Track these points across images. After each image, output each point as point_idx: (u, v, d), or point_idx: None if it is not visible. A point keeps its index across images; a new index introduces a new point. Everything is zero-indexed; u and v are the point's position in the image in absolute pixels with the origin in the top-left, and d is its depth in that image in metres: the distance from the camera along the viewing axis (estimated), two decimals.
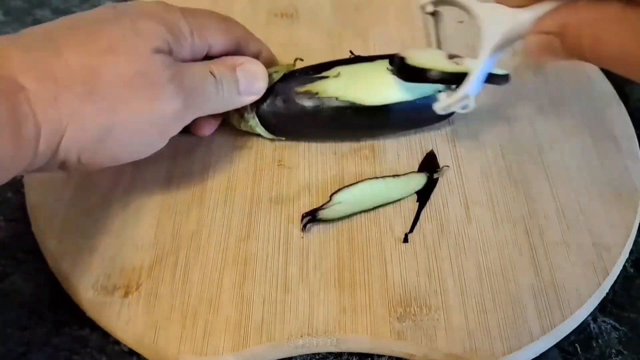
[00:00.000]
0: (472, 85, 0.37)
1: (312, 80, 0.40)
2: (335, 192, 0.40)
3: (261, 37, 0.43)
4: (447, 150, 0.43)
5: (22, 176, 0.42)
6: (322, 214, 0.39)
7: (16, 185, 0.42)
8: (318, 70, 0.42)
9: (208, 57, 0.39)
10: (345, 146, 0.43)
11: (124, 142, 0.34)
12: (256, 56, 0.42)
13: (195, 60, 0.38)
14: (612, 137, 0.44)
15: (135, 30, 0.34)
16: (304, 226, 0.39)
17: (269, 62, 0.43)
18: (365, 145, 0.44)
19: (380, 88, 0.40)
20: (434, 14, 0.39)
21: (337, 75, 0.40)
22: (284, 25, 0.52)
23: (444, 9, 0.39)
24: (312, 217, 0.39)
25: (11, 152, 0.29)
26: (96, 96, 0.32)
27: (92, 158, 0.34)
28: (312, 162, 0.43)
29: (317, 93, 0.40)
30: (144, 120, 0.34)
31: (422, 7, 0.39)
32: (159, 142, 0.36)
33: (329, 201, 0.40)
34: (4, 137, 0.29)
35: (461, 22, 0.40)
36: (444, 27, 0.40)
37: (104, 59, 0.33)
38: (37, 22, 0.57)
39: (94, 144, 0.33)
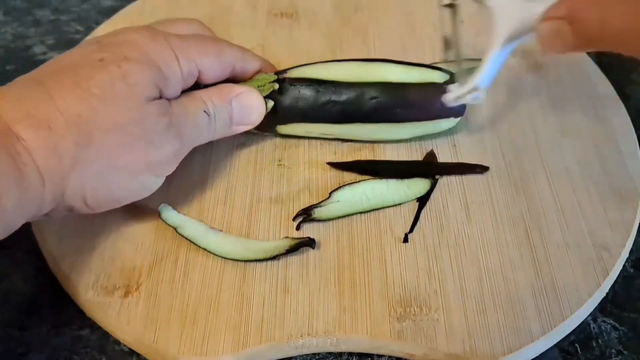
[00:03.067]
0: (483, 77, 0.37)
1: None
2: (336, 190, 0.40)
3: (261, 37, 0.43)
4: (447, 150, 0.43)
5: None
6: (318, 213, 0.39)
7: None
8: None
9: (201, 82, 0.38)
10: (345, 146, 0.44)
11: (123, 186, 0.35)
12: (255, 74, 0.41)
13: (187, 86, 0.37)
14: (612, 137, 0.44)
15: (124, 78, 0.33)
16: (298, 226, 0.39)
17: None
18: (365, 145, 0.44)
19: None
20: (451, 6, 0.39)
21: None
22: (284, 25, 0.52)
23: (461, 2, 0.40)
24: (306, 216, 0.39)
25: (17, 198, 0.30)
26: (94, 144, 0.32)
27: (97, 202, 0.34)
28: (312, 162, 0.43)
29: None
30: (141, 165, 0.35)
31: (440, 0, 0.39)
32: (157, 183, 0.37)
33: (328, 198, 0.40)
34: (8, 184, 0.29)
35: (462, 22, 0.41)
36: (459, 22, 0.40)
37: (96, 107, 0.32)
38: (37, 22, 0.57)
39: (96, 189, 0.34)
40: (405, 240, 0.38)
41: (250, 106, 0.40)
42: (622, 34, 0.31)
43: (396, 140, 0.43)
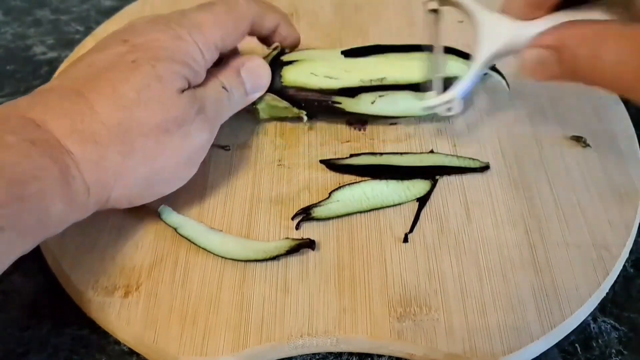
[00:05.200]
0: (460, 90, 0.37)
1: None
2: (336, 190, 0.40)
3: None
4: (447, 150, 0.43)
5: None
6: (317, 212, 0.39)
7: None
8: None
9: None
10: (346, 146, 0.44)
11: (165, 181, 0.37)
12: (272, 33, 0.42)
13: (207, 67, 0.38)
14: (612, 137, 0.44)
15: (157, 77, 0.34)
16: (297, 225, 0.39)
17: (290, 41, 0.43)
18: (365, 145, 0.44)
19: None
20: (435, 11, 0.39)
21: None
22: None
23: (446, 9, 0.39)
24: (305, 215, 0.39)
25: (64, 208, 0.31)
26: (136, 150, 0.34)
27: (141, 199, 0.36)
28: (312, 162, 0.43)
29: None
30: (180, 158, 0.36)
31: (425, 4, 0.38)
32: (193, 170, 0.38)
33: (327, 198, 0.40)
34: (58, 195, 0.31)
35: (461, 21, 0.40)
36: (444, 26, 0.40)
37: (135, 113, 0.33)
38: (37, 22, 0.57)
39: (139, 190, 0.35)
40: (405, 240, 0.38)
41: (257, 69, 0.41)
42: (613, 73, 0.30)
43: (408, 82, 0.41)
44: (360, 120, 0.45)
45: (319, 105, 0.42)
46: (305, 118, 0.43)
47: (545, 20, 0.33)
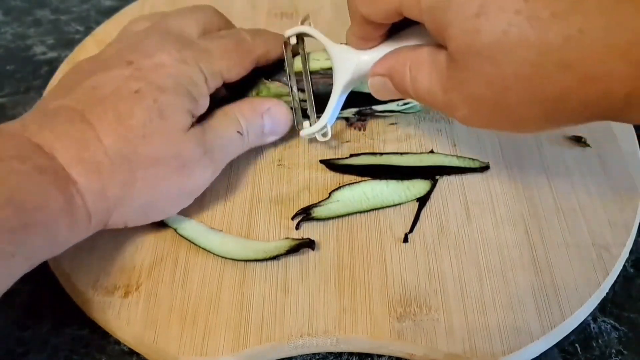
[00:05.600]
0: (328, 117, 0.40)
1: None
2: (336, 190, 0.40)
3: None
4: (447, 151, 0.43)
5: None
6: (317, 212, 0.39)
7: None
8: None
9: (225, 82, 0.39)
10: (346, 146, 0.44)
11: (161, 210, 0.37)
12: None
13: (211, 93, 0.38)
14: (612, 137, 0.44)
15: (160, 113, 0.34)
16: (297, 225, 0.39)
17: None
18: (365, 145, 0.44)
19: None
20: (297, 43, 0.41)
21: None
22: (284, 25, 0.52)
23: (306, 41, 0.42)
24: (305, 215, 0.39)
25: (67, 234, 0.33)
26: (137, 181, 0.34)
27: (135, 223, 0.37)
28: (312, 162, 0.43)
29: None
30: (179, 191, 0.37)
31: (288, 38, 0.41)
32: (189, 202, 0.38)
33: (327, 198, 0.40)
34: (63, 223, 0.32)
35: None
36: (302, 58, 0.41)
37: (138, 146, 0.34)
38: (37, 22, 0.57)
39: (136, 216, 0.36)
40: (405, 240, 0.38)
41: (280, 118, 0.41)
42: (428, 94, 0.33)
43: None
44: (361, 118, 0.45)
45: (324, 86, 0.41)
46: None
47: (378, 49, 0.37)
